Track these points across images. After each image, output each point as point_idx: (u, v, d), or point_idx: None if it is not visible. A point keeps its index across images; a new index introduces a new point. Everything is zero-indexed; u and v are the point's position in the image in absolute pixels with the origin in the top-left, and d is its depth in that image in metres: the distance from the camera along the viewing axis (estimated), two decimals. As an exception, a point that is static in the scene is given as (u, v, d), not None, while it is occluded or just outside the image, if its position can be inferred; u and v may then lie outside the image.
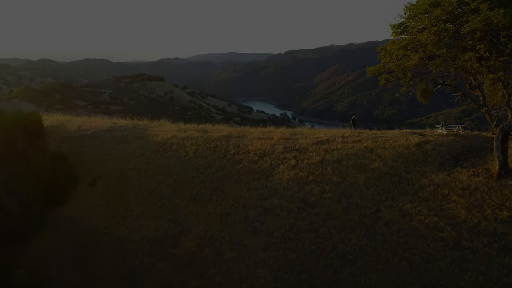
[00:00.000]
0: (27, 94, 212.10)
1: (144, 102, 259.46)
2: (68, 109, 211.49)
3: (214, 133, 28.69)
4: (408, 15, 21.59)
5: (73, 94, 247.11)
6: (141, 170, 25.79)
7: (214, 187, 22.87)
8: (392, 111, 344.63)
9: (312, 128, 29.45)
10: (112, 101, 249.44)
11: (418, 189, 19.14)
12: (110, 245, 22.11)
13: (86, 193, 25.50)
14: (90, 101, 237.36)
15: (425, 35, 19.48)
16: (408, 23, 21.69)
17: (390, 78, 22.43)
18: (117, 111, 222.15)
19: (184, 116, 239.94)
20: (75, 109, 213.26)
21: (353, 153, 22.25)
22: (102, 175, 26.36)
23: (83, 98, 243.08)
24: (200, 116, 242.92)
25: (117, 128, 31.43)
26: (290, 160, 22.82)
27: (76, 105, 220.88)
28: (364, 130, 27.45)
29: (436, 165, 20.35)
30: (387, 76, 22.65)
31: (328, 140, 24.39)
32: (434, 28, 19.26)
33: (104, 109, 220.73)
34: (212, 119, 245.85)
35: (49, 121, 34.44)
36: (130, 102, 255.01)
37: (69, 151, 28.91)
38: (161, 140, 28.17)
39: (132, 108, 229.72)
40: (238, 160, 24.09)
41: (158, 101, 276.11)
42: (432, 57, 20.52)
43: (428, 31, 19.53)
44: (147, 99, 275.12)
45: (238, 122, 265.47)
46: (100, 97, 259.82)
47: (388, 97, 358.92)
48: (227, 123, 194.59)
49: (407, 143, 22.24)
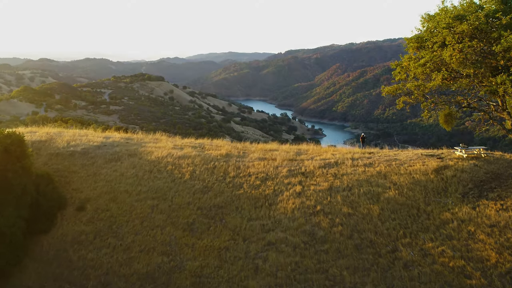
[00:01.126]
0: (27, 94, 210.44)
1: (144, 102, 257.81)
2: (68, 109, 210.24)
3: (212, 151, 26.68)
4: (426, 28, 19.55)
5: (72, 94, 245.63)
6: (133, 193, 23.77)
7: (212, 216, 20.84)
8: (392, 111, 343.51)
9: (318, 146, 27.39)
10: (112, 101, 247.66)
11: (440, 225, 17.10)
12: (97, 280, 20.12)
13: (73, 219, 23.49)
14: (90, 101, 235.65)
15: (449, 53, 17.44)
16: (426, 37, 19.62)
17: (409, 100, 20.35)
18: (117, 111, 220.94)
19: (184, 116, 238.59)
20: (75, 109, 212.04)
21: (365, 179, 20.21)
22: (91, 197, 24.35)
23: (83, 98, 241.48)
24: (200, 116, 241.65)
25: (108, 144, 29.42)
26: (295, 186, 20.80)
27: (75, 105, 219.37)
28: (375, 149, 25.42)
29: (459, 196, 18.31)
30: (406, 98, 20.55)
31: (336, 162, 22.35)
32: (459, 46, 17.21)
33: (104, 110, 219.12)
34: (212, 119, 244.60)
35: (38, 134, 32.47)
36: (130, 102, 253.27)
37: (56, 169, 26.94)
38: (155, 159, 26.16)
39: (132, 109, 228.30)
40: (238, 185, 22.06)
41: (158, 101, 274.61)
42: (456, 77, 18.48)
43: (451, 48, 17.49)
44: (147, 99, 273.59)
45: (238, 122, 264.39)
46: (100, 97, 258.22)
47: (389, 97, 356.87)
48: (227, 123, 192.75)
49: (424, 168, 20.19)
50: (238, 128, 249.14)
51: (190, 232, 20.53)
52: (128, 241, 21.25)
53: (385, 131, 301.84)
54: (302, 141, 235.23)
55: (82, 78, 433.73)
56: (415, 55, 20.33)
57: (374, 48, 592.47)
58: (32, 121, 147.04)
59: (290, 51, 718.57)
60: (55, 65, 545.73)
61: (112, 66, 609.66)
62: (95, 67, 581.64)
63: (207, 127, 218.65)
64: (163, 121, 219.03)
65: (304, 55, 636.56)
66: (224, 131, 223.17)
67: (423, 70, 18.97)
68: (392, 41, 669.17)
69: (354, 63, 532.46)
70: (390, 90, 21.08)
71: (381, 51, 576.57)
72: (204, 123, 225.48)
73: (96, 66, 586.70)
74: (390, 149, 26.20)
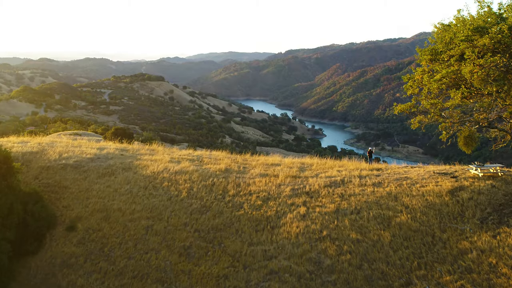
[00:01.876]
0: (26, 94, 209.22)
1: (144, 102, 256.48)
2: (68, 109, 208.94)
3: (211, 166, 25.29)
4: (440, 38, 18.11)
5: (72, 94, 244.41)
6: (126, 212, 22.40)
7: (210, 239, 19.46)
8: (392, 111, 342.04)
9: (322, 160, 26.00)
10: (111, 101, 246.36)
11: (458, 255, 15.72)
12: (87, 310, 18.76)
13: (63, 239, 22.11)
14: (90, 101, 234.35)
15: (469, 68, 16.02)
16: (441, 49, 18.16)
17: (425, 119, 18.91)
18: (117, 111, 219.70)
19: (184, 116, 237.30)
20: (75, 109, 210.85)
21: (374, 201, 18.84)
22: (82, 216, 22.98)
23: (83, 98, 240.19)
24: (200, 116, 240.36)
25: (102, 157, 28.05)
26: (299, 207, 19.42)
27: (75, 106, 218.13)
28: (383, 165, 24.01)
29: (477, 222, 16.94)
30: (421, 117, 19.07)
31: (342, 181, 20.97)
32: (480, 61, 15.79)
33: (103, 110, 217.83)
34: (212, 119, 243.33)
35: (29, 145, 31.13)
36: (130, 102, 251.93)
37: (47, 184, 25.59)
38: (150, 174, 24.79)
39: (131, 109, 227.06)
40: (238, 204, 20.68)
41: (158, 101, 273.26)
42: (477, 94, 17.05)
43: (471, 63, 16.06)
44: (147, 99, 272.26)
45: (238, 122, 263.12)
46: (100, 97, 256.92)
47: (389, 97, 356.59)
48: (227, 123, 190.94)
49: (438, 189, 18.81)
50: (238, 128, 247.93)
51: (187, 257, 19.16)
52: (120, 265, 19.89)
53: (385, 131, 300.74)
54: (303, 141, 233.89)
55: (82, 78, 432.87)
56: (428, 67, 18.90)
57: (374, 48, 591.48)
58: (32, 121, 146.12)
59: (290, 51, 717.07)
60: (55, 64, 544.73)
61: (112, 65, 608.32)
62: (95, 66, 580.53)
63: (207, 127, 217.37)
64: (163, 121, 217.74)
65: (304, 55, 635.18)
66: (224, 131, 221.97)
67: (439, 86, 17.57)
68: (392, 41, 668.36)
69: (354, 63, 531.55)
70: (404, 108, 19.56)
71: (381, 51, 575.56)
72: (204, 123, 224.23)
73: (96, 65, 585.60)
74: (398, 164, 24.80)
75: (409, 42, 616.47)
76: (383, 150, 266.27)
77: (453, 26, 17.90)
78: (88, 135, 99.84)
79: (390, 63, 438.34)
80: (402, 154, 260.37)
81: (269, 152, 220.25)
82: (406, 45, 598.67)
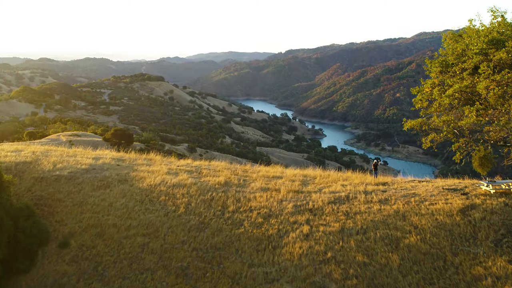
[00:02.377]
0: (26, 95, 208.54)
1: (144, 103, 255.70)
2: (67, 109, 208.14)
3: (209, 178, 24.36)
4: (451, 50, 17.14)
5: (72, 94, 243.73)
6: (122, 228, 21.47)
7: (209, 259, 18.54)
8: (393, 111, 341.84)
9: (325, 172, 25.10)
10: (111, 101, 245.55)
11: (471, 282, 14.79)
12: (79, 334, 17.88)
13: (55, 257, 21.19)
14: (90, 101, 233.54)
15: (484, 84, 15.07)
16: (453, 61, 17.20)
17: (437, 138, 17.93)
18: (117, 111, 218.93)
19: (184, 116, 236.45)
20: (74, 109, 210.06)
21: (381, 220, 17.93)
22: (76, 232, 22.06)
23: (83, 99, 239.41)
24: (200, 117, 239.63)
25: (98, 167, 27.13)
26: (302, 226, 18.51)
27: (75, 106, 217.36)
28: (388, 178, 23.07)
29: (490, 244, 16.02)
30: (433, 136, 18.07)
31: (347, 197, 20.04)
32: (497, 77, 14.84)
33: (103, 110, 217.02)
34: (212, 119, 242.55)
35: (23, 154, 30.22)
36: (130, 102, 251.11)
37: (40, 197, 24.67)
38: (147, 187, 23.87)
39: (131, 109, 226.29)
40: (239, 222, 19.76)
41: (158, 101, 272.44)
42: (493, 113, 16.09)
43: (487, 79, 15.13)
44: (147, 99, 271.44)
45: (238, 122, 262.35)
46: (100, 97, 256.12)
47: (389, 97, 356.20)
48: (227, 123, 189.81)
49: (448, 207, 17.89)
50: (238, 128, 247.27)
51: (184, 278, 18.24)
52: (115, 286, 18.95)
53: (385, 131, 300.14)
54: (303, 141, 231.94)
55: (82, 78, 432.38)
56: (437, 78, 17.92)
57: (374, 48, 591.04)
58: (31, 122, 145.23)
59: (290, 51, 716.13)
60: (55, 64, 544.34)
61: (112, 65, 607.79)
62: (95, 66, 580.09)
63: (207, 127, 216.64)
64: (163, 121, 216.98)
65: (304, 55, 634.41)
66: (224, 132, 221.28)
67: (451, 101, 16.60)
68: (393, 41, 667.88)
69: (355, 63, 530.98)
70: (414, 125, 18.55)
71: (381, 51, 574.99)
72: (204, 124, 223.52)
73: (96, 65, 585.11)
74: (404, 178, 23.86)
75: (409, 42, 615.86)
76: (383, 150, 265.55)
77: (465, 36, 16.98)
78: (87, 136, 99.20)
79: (390, 63, 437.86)
80: (402, 154, 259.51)
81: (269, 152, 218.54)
82: (406, 45, 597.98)
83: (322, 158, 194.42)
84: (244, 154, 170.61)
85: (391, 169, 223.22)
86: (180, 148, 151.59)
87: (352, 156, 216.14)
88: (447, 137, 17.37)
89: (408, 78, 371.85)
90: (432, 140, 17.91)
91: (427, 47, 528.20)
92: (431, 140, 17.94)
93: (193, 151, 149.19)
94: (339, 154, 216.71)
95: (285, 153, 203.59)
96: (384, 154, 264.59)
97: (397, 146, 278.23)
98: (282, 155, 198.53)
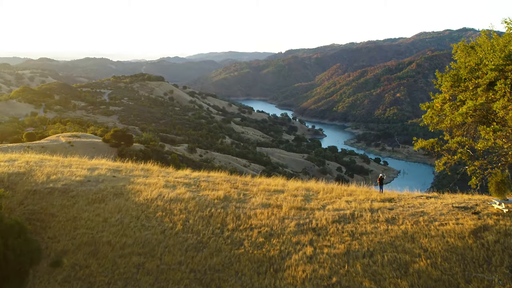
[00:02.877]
0: (26, 95, 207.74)
1: (144, 103, 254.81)
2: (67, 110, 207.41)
3: (208, 192, 23.44)
4: (463, 63, 16.19)
5: (72, 95, 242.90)
6: (116, 246, 20.53)
7: (207, 282, 17.61)
8: (393, 111, 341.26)
9: (328, 185, 24.19)
10: (111, 101, 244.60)
11: (487, 314, 13.88)
12: None
13: (47, 276, 20.21)
14: (89, 101, 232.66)
15: (501, 104, 14.14)
16: (465, 76, 16.23)
17: (450, 159, 16.97)
18: (117, 111, 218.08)
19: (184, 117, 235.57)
20: (74, 110, 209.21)
21: (389, 242, 17.01)
22: (69, 249, 21.10)
23: (83, 99, 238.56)
24: (200, 117, 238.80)
25: (93, 179, 26.22)
26: (305, 247, 17.59)
27: (75, 106, 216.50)
28: (395, 193, 22.14)
29: (506, 271, 15.09)
30: (447, 158, 17.07)
31: (352, 215, 19.11)
32: (517, 96, 13.91)
33: (103, 110, 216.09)
34: (212, 119, 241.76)
35: (17, 164, 29.24)
36: (130, 102, 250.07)
37: (32, 211, 23.73)
38: (143, 201, 22.94)
39: (131, 109, 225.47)
40: (238, 241, 18.84)
41: (158, 102, 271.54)
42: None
43: (505, 98, 14.20)
44: (147, 99, 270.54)
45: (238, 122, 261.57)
46: (100, 98, 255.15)
47: (389, 97, 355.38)
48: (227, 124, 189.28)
49: (459, 229, 16.95)
50: (238, 128, 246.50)
51: (181, 302, 17.35)
52: (108, 309, 18.10)
53: (385, 131, 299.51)
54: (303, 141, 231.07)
55: (82, 77, 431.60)
56: (448, 93, 16.94)
57: (374, 48, 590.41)
58: (31, 122, 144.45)
59: (290, 51, 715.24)
60: (55, 64, 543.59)
61: (112, 65, 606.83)
62: (95, 66, 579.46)
63: (207, 127, 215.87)
64: (163, 121, 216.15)
65: (304, 54, 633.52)
66: (224, 132, 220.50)
67: (464, 119, 15.63)
68: (393, 40, 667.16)
69: (355, 63, 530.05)
70: (425, 145, 17.53)
71: (381, 51, 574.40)
72: (204, 124, 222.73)
73: (96, 65, 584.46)
74: (411, 192, 22.91)
75: (409, 42, 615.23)
76: (383, 150, 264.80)
77: (478, 50, 16.03)
78: (87, 137, 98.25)
79: (390, 63, 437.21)
80: (403, 154, 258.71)
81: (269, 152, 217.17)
82: (406, 45, 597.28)
83: (322, 158, 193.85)
84: (244, 154, 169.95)
85: (391, 169, 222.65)
86: (180, 148, 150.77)
87: (352, 156, 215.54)
88: (461, 159, 16.39)
89: (408, 78, 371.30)
90: (447, 162, 16.91)
91: (427, 47, 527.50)
92: (445, 163, 16.95)
93: (193, 151, 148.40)
94: (339, 154, 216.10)
95: (285, 154, 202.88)
96: (384, 154, 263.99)
97: (397, 146, 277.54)
98: (282, 155, 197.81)
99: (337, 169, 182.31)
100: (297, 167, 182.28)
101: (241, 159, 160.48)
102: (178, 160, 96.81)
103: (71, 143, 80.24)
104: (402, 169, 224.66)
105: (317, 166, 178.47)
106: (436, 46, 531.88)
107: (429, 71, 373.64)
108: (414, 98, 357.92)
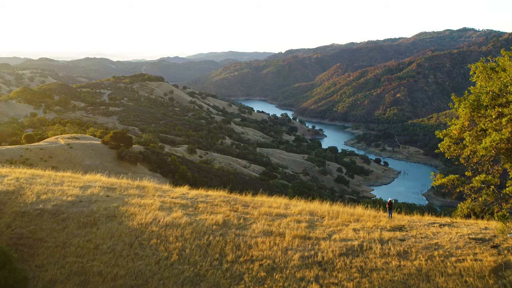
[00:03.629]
0: (25, 95, 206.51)
1: (144, 103, 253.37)
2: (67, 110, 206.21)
3: (206, 216, 22.06)
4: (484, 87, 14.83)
5: (72, 95, 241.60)
6: (108, 277, 19.17)
7: (205, 323, 16.28)
8: (393, 111, 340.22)
9: (333, 207, 22.85)
10: (111, 102, 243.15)
11: None
12: None
13: (33, 309, 19.00)
14: (89, 102, 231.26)
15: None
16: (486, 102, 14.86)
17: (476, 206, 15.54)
18: (117, 112, 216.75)
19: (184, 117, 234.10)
20: (74, 110, 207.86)
21: (401, 281, 15.67)
22: (57, 279, 19.73)
23: (82, 99, 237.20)
24: (200, 117, 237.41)
25: (85, 199, 24.83)
26: (311, 284, 16.23)
27: (75, 106, 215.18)
28: (405, 219, 20.76)
29: (531, 317, 13.79)
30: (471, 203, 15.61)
31: (361, 247, 17.76)
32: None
33: (103, 111, 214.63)
34: (212, 120, 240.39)
35: (6, 181, 27.82)
36: (130, 103, 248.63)
37: (20, 236, 22.35)
38: (137, 226, 21.56)
39: (131, 110, 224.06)
40: (238, 275, 17.50)
41: (158, 102, 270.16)
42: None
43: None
44: (146, 99, 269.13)
45: (239, 123, 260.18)
46: (99, 98, 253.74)
47: (390, 97, 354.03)
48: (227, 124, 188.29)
49: (478, 266, 15.61)
50: (239, 129, 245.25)
51: None
52: None
53: (386, 131, 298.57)
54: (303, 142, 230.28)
55: (82, 77, 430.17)
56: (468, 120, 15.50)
57: (374, 48, 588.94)
58: (30, 123, 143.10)
59: (290, 51, 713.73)
60: (55, 64, 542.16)
61: (112, 65, 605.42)
62: (95, 66, 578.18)
63: (207, 128, 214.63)
64: (163, 122, 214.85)
65: (305, 54, 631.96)
66: (224, 133, 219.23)
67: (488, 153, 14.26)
68: (393, 40, 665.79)
69: (355, 63, 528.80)
70: (445, 182, 16.16)
71: (381, 51, 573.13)
72: (204, 124, 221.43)
73: (96, 65, 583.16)
74: (421, 217, 21.54)
75: (410, 42, 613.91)
76: (383, 151, 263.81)
77: (502, 74, 14.68)
78: (86, 139, 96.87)
79: (390, 63, 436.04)
80: (403, 155, 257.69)
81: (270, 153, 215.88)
82: (407, 45, 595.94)
83: (322, 159, 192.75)
84: (244, 155, 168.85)
85: (392, 170, 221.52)
86: (180, 149, 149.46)
87: (352, 157, 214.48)
88: (487, 201, 15.00)
89: (409, 78, 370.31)
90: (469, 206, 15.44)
91: (427, 47, 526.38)
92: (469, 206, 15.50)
93: (193, 152, 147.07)
94: (339, 155, 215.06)
95: (285, 154, 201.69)
96: (384, 155, 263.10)
97: (397, 146, 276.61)
98: (282, 156, 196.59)
99: (338, 170, 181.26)
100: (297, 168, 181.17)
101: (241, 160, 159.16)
102: (177, 162, 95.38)
103: (70, 145, 79.06)
104: (403, 170, 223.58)
105: (317, 167, 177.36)
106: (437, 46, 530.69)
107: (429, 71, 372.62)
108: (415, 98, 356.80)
